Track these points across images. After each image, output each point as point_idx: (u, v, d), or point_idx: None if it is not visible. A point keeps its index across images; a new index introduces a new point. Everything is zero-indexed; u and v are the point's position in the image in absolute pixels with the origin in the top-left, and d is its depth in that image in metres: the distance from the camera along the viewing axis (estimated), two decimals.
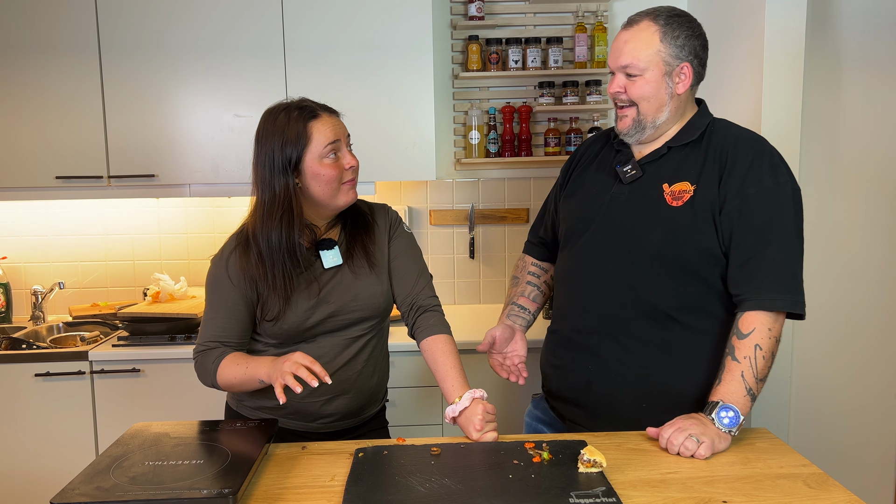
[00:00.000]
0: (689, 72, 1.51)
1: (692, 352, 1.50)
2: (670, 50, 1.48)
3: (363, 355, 1.59)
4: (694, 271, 1.48)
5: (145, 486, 1.13)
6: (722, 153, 1.49)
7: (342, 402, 1.58)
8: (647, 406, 1.52)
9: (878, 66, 2.39)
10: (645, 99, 1.49)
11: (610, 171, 1.60)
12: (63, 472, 2.26)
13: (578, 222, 1.60)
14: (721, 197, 1.46)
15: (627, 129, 1.53)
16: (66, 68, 2.44)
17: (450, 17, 2.82)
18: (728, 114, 2.50)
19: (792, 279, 1.44)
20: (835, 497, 1.18)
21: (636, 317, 1.51)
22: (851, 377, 2.50)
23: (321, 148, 1.47)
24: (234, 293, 1.52)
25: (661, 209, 1.49)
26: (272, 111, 1.51)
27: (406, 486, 1.20)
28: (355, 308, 1.55)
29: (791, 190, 1.47)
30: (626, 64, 1.49)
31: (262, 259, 1.49)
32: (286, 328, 1.52)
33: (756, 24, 2.29)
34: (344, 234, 1.60)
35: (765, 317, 1.42)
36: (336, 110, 1.56)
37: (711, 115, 1.58)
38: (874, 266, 2.46)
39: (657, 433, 1.40)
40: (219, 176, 2.51)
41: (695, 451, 1.33)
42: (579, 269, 1.59)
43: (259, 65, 2.47)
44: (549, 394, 1.69)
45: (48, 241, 2.85)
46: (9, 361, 2.32)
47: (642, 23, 1.49)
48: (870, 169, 2.43)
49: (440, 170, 2.85)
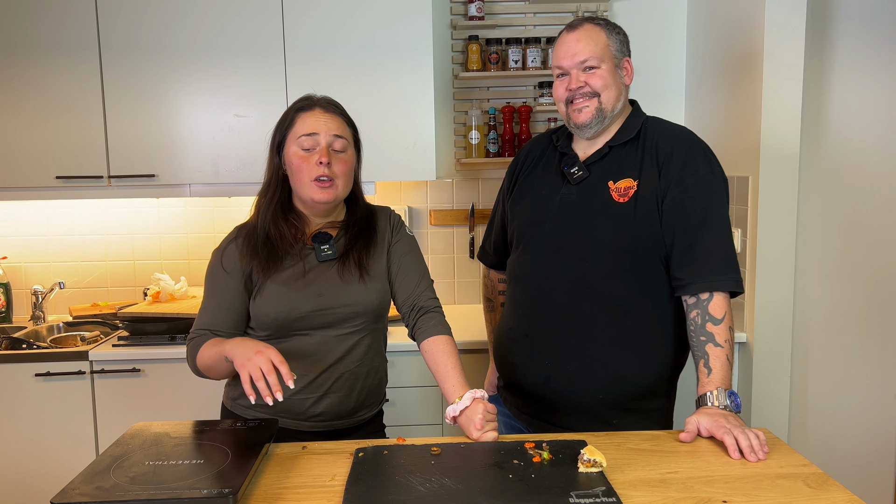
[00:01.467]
0: (630, 65, 1.63)
1: (644, 343, 1.58)
2: (615, 45, 1.59)
3: (356, 354, 1.58)
4: (645, 264, 1.56)
5: (145, 486, 1.13)
6: (658, 148, 1.57)
7: (332, 400, 1.57)
8: (602, 397, 1.59)
9: (878, 66, 2.40)
10: (607, 88, 1.58)
11: (557, 172, 1.67)
12: (63, 472, 2.27)
13: (530, 223, 1.66)
14: (662, 188, 1.54)
15: (589, 121, 1.59)
16: (66, 68, 2.45)
17: (450, 17, 2.82)
18: (728, 114, 2.51)
19: (732, 260, 1.53)
20: (835, 497, 1.18)
21: (592, 313, 1.57)
22: (851, 377, 2.50)
23: (297, 137, 1.52)
24: (228, 282, 1.55)
25: (610, 206, 1.57)
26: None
27: (406, 486, 1.20)
28: (347, 304, 1.55)
29: (723, 179, 1.58)
30: (585, 58, 1.57)
31: (254, 233, 1.55)
32: (274, 316, 1.52)
33: (756, 24, 2.29)
34: (343, 238, 1.60)
35: (724, 299, 1.50)
36: (340, 111, 1.57)
37: (644, 114, 1.66)
38: (874, 266, 2.46)
39: (690, 437, 1.40)
40: (219, 176, 2.52)
41: (756, 444, 1.34)
42: (534, 268, 1.63)
43: (259, 65, 2.47)
44: (508, 389, 1.75)
45: (48, 241, 2.85)
46: (9, 361, 2.32)
47: (586, 25, 1.60)
48: (869, 169, 2.43)
49: (440, 170, 2.85)
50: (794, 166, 2.30)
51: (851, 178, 2.43)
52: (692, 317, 1.51)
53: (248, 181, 2.53)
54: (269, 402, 1.28)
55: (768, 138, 2.28)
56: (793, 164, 2.30)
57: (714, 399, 1.44)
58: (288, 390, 1.42)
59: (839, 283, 2.47)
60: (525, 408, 1.70)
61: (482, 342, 2.33)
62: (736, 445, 1.33)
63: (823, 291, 2.49)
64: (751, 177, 2.34)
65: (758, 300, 2.35)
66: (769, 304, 2.36)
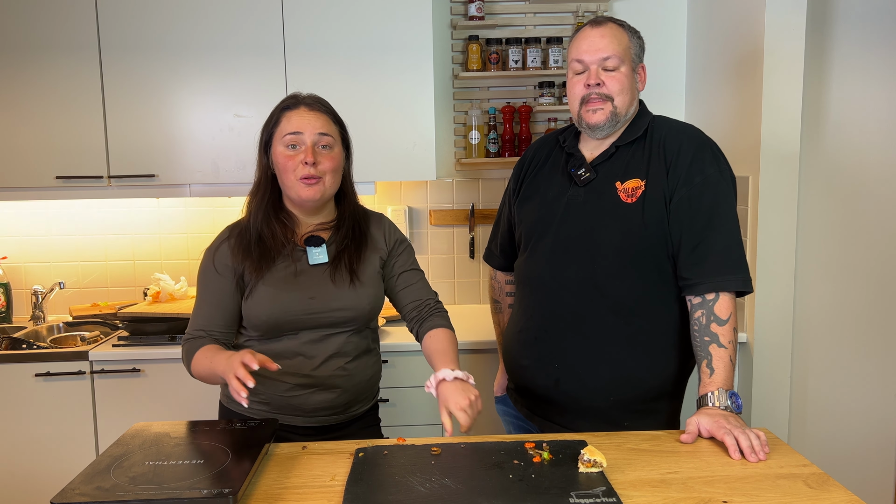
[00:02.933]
0: (644, 71, 1.62)
1: (654, 343, 1.57)
2: (635, 49, 1.58)
3: (347, 352, 1.58)
4: (653, 265, 1.55)
5: (145, 486, 1.13)
6: (665, 147, 1.56)
7: (326, 397, 1.57)
8: (613, 399, 1.58)
9: (878, 65, 2.39)
10: (622, 92, 1.56)
11: (564, 174, 1.65)
12: (63, 472, 2.27)
13: (538, 225, 1.65)
14: (670, 188, 1.53)
15: (604, 122, 1.58)
16: (66, 68, 2.45)
17: (450, 17, 2.82)
18: (728, 114, 2.51)
19: (740, 259, 1.52)
20: (835, 497, 1.18)
21: (601, 314, 1.56)
22: (851, 377, 2.50)
23: (282, 136, 1.53)
24: (219, 282, 1.55)
25: (617, 207, 1.55)
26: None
27: (406, 486, 1.20)
28: (338, 308, 1.56)
29: (730, 177, 1.57)
30: (607, 55, 1.54)
31: (246, 233, 1.56)
32: (266, 318, 1.52)
33: (756, 24, 2.29)
34: (335, 241, 1.61)
35: (730, 300, 1.49)
36: (326, 109, 1.57)
37: (651, 113, 1.65)
38: (874, 266, 2.46)
39: (690, 439, 1.40)
40: (219, 176, 2.52)
41: (757, 444, 1.34)
42: (543, 270, 1.63)
43: (259, 64, 2.47)
44: (518, 392, 1.74)
45: (48, 241, 2.85)
46: (9, 361, 2.32)
47: (610, 24, 1.57)
48: (869, 168, 2.43)
49: (440, 170, 2.85)
50: (794, 166, 2.30)
51: (851, 178, 2.43)
52: (696, 317, 1.51)
53: (248, 181, 2.48)
54: (242, 398, 1.29)
55: (768, 138, 2.28)
56: (793, 164, 2.30)
57: (715, 400, 1.43)
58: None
59: (839, 282, 2.47)
60: (536, 409, 1.69)
61: (482, 342, 2.33)
62: (736, 446, 1.33)
63: (824, 291, 2.49)
64: (751, 177, 2.34)
65: (758, 300, 2.35)
66: (769, 304, 2.36)
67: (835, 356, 2.49)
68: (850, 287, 2.46)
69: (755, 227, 2.33)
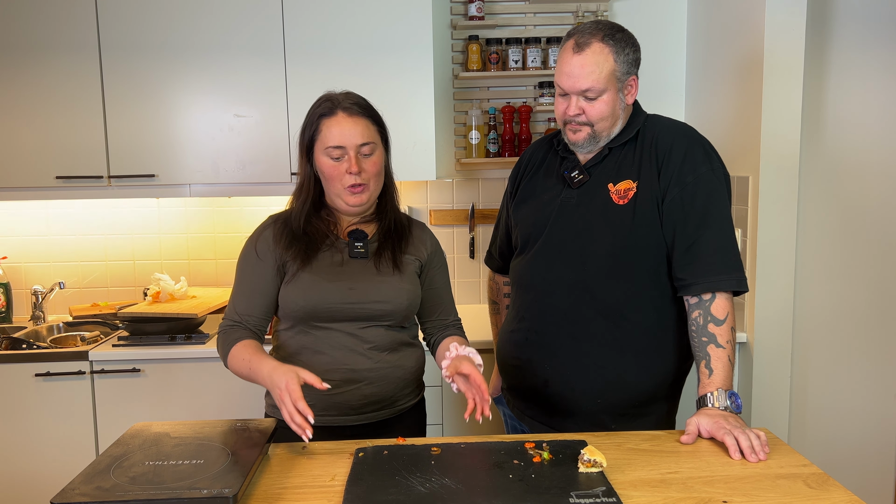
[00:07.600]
0: (635, 83, 1.58)
1: (645, 347, 1.57)
2: (622, 67, 1.53)
3: (385, 345, 1.58)
4: (644, 267, 1.55)
5: (145, 486, 1.13)
6: (656, 146, 1.55)
7: (369, 390, 1.56)
8: (601, 402, 1.58)
9: (878, 65, 2.39)
10: (603, 119, 1.55)
11: (558, 176, 1.66)
12: (63, 472, 2.26)
13: (533, 227, 1.66)
14: (662, 188, 1.52)
15: (583, 142, 1.58)
16: (66, 68, 2.45)
17: (450, 17, 2.82)
18: (727, 114, 2.51)
19: (734, 259, 1.51)
20: (835, 497, 1.18)
21: (592, 317, 1.57)
22: (851, 377, 2.50)
23: (324, 147, 1.53)
24: (260, 267, 1.57)
25: (610, 209, 1.55)
26: (320, 97, 1.59)
27: (406, 486, 1.20)
28: (378, 300, 1.56)
29: (723, 175, 1.55)
30: (586, 88, 1.51)
31: (289, 224, 1.57)
32: (303, 304, 1.53)
33: (756, 24, 2.29)
34: (378, 234, 1.62)
35: (726, 300, 1.49)
36: (364, 112, 1.56)
37: (645, 113, 1.64)
38: (874, 266, 2.46)
39: (691, 439, 1.40)
40: (219, 176, 2.52)
41: (757, 444, 1.34)
42: (536, 272, 1.63)
43: (259, 65, 2.47)
44: (510, 392, 1.76)
45: (48, 241, 2.85)
46: (9, 361, 2.32)
47: (594, 45, 1.51)
48: (869, 168, 2.43)
49: (440, 170, 2.85)
50: (794, 166, 2.30)
51: (851, 178, 2.43)
52: (694, 317, 1.51)
53: (248, 181, 2.53)
54: (307, 435, 1.30)
55: (768, 138, 2.28)
56: (793, 164, 2.30)
57: (714, 400, 1.43)
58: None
59: (839, 283, 2.47)
60: (527, 410, 1.70)
61: (482, 342, 2.33)
62: (736, 446, 1.33)
63: (823, 291, 2.48)
64: (751, 177, 2.34)
65: (758, 300, 2.35)
66: (769, 304, 2.36)
67: (835, 356, 2.49)
68: (850, 287, 2.46)
69: (755, 227, 2.33)
